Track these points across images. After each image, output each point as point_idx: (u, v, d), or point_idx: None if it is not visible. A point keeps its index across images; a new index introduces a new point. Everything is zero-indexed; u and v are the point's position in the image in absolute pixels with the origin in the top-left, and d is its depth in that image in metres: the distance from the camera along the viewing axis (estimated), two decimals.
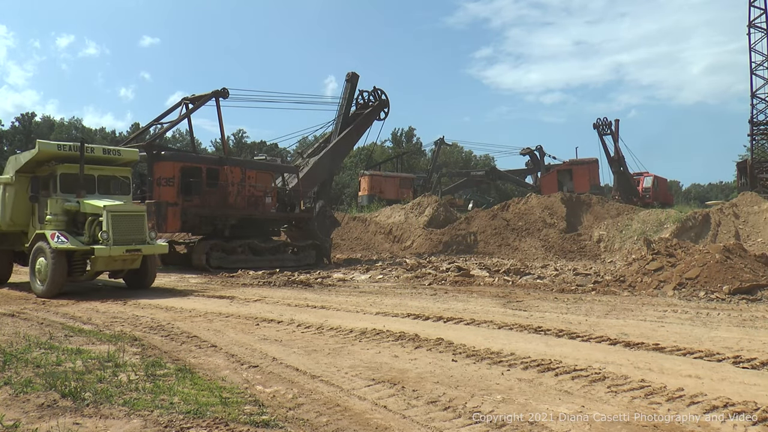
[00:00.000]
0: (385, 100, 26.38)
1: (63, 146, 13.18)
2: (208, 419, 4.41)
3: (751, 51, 34.90)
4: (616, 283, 13.46)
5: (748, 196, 26.59)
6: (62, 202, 12.71)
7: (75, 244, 12.01)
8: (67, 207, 12.69)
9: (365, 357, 6.57)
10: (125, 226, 12.35)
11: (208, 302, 11.44)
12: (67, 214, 12.77)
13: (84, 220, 12.58)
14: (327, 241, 23.03)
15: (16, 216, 13.71)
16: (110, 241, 11.95)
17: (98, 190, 13.28)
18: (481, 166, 65.42)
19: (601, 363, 6.23)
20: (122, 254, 12.17)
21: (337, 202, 48.24)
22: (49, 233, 12.06)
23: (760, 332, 8.10)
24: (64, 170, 12.89)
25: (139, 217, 12.80)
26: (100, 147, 14.17)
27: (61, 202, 12.71)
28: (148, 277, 13.55)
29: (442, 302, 11.33)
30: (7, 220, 13.70)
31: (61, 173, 12.85)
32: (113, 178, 13.73)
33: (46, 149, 13.03)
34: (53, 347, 6.87)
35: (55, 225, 12.52)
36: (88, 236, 12.28)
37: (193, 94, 21.46)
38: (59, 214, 12.67)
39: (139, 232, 12.63)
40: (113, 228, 12.04)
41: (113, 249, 11.95)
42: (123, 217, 12.38)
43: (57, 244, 11.85)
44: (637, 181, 42.98)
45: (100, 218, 12.18)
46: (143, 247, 12.53)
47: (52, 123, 74.53)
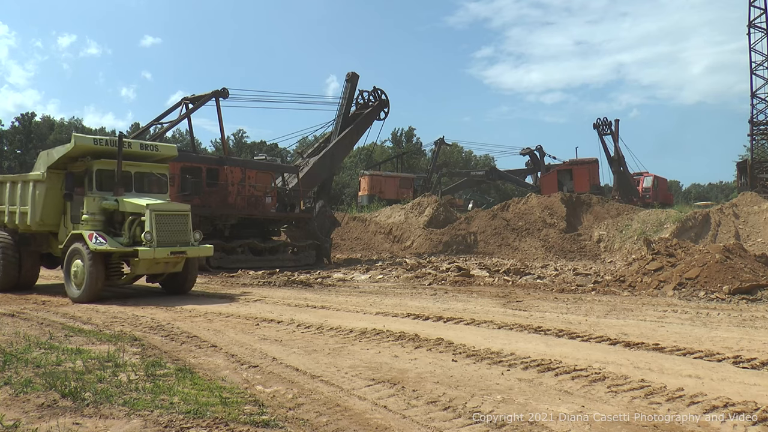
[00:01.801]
0: (385, 100, 26.39)
1: (99, 140, 12.52)
2: (208, 419, 4.41)
3: (751, 51, 34.94)
4: (616, 283, 13.45)
5: (748, 196, 26.59)
6: (99, 200, 11.94)
7: (114, 246, 11.25)
8: (105, 206, 11.89)
9: (365, 357, 6.57)
10: (169, 226, 11.58)
11: (208, 302, 11.44)
12: (105, 214, 12.00)
13: (122, 219, 11.85)
14: (327, 241, 23.03)
15: (47, 215, 12.76)
16: (154, 243, 11.19)
17: (134, 187, 12.51)
18: (481, 166, 65.41)
19: (601, 363, 6.23)
20: (166, 257, 11.41)
21: (337, 202, 48.22)
22: (87, 234, 11.29)
23: (760, 332, 8.10)
24: (100, 166, 12.16)
25: (184, 216, 12.01)
26: (137, 142, 13.35)
27: (98, 200, 11.94)
28: (188, 281, 12.64)
29: (442, 302, 11.33)
30: (37, 220, 12.71)
31: (97, 169, 12.12)
32: (150, 175, 13.00)
33: (82, 143, 12.25)
34: (53, 347, 6.87)
35: (92, 225, 11.74)
36: (128, 237, 11.53)
37: (193, 94, 21.49)
38: (96, 214, 11.89)
39: (184, 233, 11.86)
40: (157, 228, 11.29)
41: (157, 251, 11.18)
42: (167, 216, 11.61)
43: (95, 245, 11.07)
44: (637, 181, 42.99)
45: (142, 218, 11.41)
46: (188, 249, 11.79)
47: (52, 123, 74.51)
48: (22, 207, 12.94)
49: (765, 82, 34.69)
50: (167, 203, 12.14)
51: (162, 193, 12.90)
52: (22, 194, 13.02)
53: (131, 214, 11.66)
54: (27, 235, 13.29)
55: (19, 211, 12.97)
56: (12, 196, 13.30)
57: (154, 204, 11.52)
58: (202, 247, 12.23)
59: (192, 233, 12.03)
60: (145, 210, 11.32)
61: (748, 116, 35.40)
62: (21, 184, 13.17)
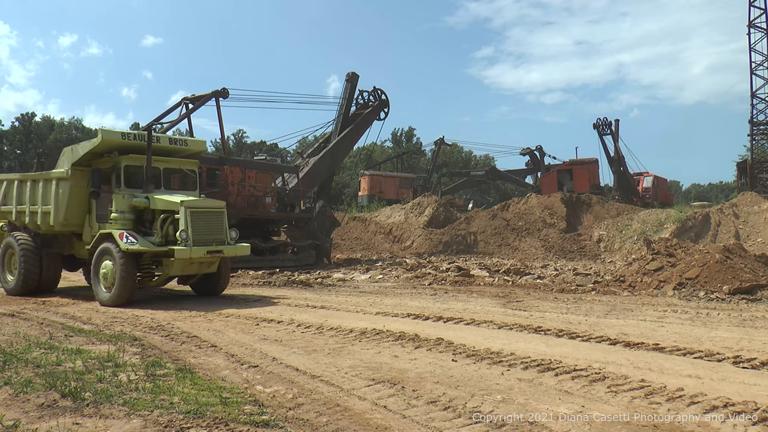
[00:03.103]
0: (385, 100, 26.37)
1: (127, 135, 12.03)
2: (208, 419, 4.41)
3: (751, 51, 34.92)
4: (616, 283, 13.45)
5: (748, 196, 26.58)
6: (129, 197, 11.39)
7: (146, 245, 10.70)
8: (135, 203, 11.34)
9: (365, 357, 6.57)
10: (205, 224, 11.02)
11: (208, 302, 11.44)
12: (134, 212, 11.46)
13: (152, 218, 11.31)
14: (327, 241, 23.03)
15: (71, 215, 12.10)
16: (189, 242, 10.62)
17: (163, 184, 11.97)
18: (481, 166, 65.39)
19: (601, 363, 6.23)
20: (202, 256, 10.83)
21: (337, 202, 48.21)
22: (117, 233, 10.72)
23: (760, 332, 8.10)
24: (128, 162, 11.59)
25: (219, 214, 11.42)
26: (166, 136, 12.67)
27: (127, 197, 11.39)
28: (221, 282, 12.08)
29: (442, 302, 11.33)
30: (61, 220, 12.03)
31: (125, 165, 11.57)
32: (179, 171, 12.47)
33: (110, 138, 11.67)
34: (53, 347, 6.87)
35: (121, 224, 11.21)
36: (161, 236, 10.96)
37: (193, 94, 21.47)
38: (126, 212, 11.36)
39: (219, 232, 11.29)
40: (192, 227, 10.73)
41: (194, 250, 10.59)
42: (202, 213, 11.05)
43: (127, 245, 10.49)
44: (637, 181, 42.95)
45: (175, 216, 10.88)
46: (224, 248, 11.22)
47: (52, 123, 74.49)
48: (44, 207, 12.30)
49: (765, 82, 34.67)
50: (202, 200, 11.59)
51: (191, 190, 12.31)
52: (44, 193, 12.37)
53: (163, 211, 11.13)
54: (49, 236, 12.70)
55: (41, 211, 12.34)
56: (33, 195, 12.64)
57: (189, 201, 11.01)
58: (238, 246, 11.63)
59: (228, 231, 11.49)
60: (180, 207, 10.80)
61: (748, 116, 35.43)
62: (43, 182, 12.50)
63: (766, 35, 34.27)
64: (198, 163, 12.89)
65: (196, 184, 12.54)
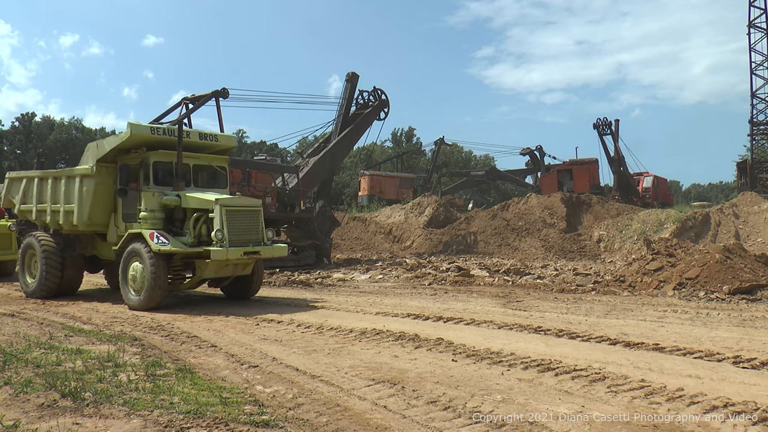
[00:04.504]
0: (385, 100, 26.38)
1: (156, 129, 11.45)
2: (208, 419, 4.41)
3: (751, 51, 34.92)
4: (616, 283, 13.45)
5: (748, 196, 26.57)
6: (159, 195, 10.85)
7: (178, 246, 10.17)
8: (166, 201, 10.77)
9: (365, 357, 6.57)
10: (241, 223, 10.49)
11: (208, 302, 11.44)
12: (164, 210, 10.91)
13: (183, 217, 10.83)
14: (327, 241, 23.02)
15: (95, 214, 11.53)
16: (226, 242, 10.08)
17: (192, 181, 11.43)
18: (481, 166, 65.41)
19: (601, 363, 6.23)
20: (239, 257, 10.28)
21: (337, 202, 48.20)
22: (147, 233, 10.19)
23: (760, 332, 8.10)
24: (157, 158, 11.06)
25: (256, 213, 10.89)
26: (196, 131, 12.07)
27: (158, 195, 10.85)
28: (254, 285, 11.59)
29: (442, 302, 11.33)
30: (85, 219, 11.46)
31: (154, 161, 11.05)
32: (208, 168, 11.88)
33: (139, 133, 11.08)
34: (53, 347, 6.87)
35: (151, 223, 10.66)
36: (193, 236, 10.42)
37: (193, 94, 21.45)
38: (156, 210, 10.81)
39: (256, 231, 10.75)
40: (228, 226, 10.20)
41: (230, 251, 10.03)
42: (238, 212, 10.52)
43: (158, 245, 9.95)
44: (637, 181, 42.95)
45: (210, 215, 10.36)
46: (261, 249, 10.66)
47: (52, 123, 74.48)
48: (66, 205, 11.72)
49: (765, 82, 34.68)
50: (238, 198, 10.99)
51: (221, 188, 11.84)
52: (67, 191, 11.78)
53: (196, 210, 10.61)
54: (71, 237, 12.09)
55: (64, 210, 11.75)
56: (54, 193, 12.06)
57: (224, 199, 10.47)
58: (275, 247, 11.06)
59: (264, 231, 10.96)
60: (215, 206, 10.26)
61: (749, 116, 35.43)
62: (65, 179, 11.89)
63: (766, 35, 34.29)
64: (228, 159, 12.38)
65: (226, 181, 12.03)
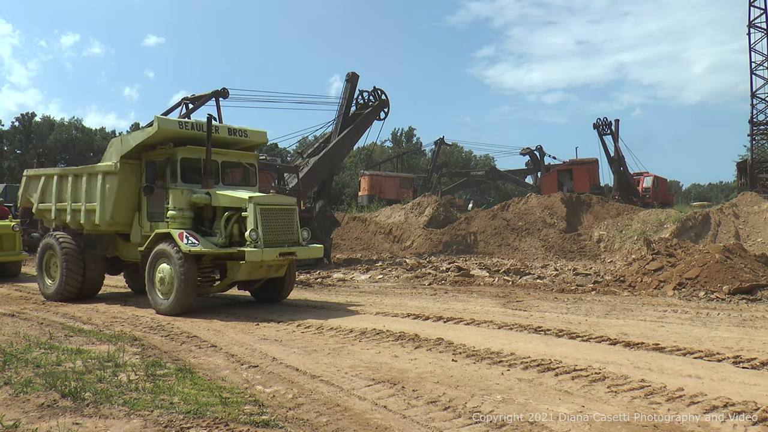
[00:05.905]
0: (385, 100, 26.38)
1: (184, 124, 11.00)
2: (208, 419, 4.41)
3: (751, 51, 34.93)
4: (616, 283, 13.45)
5: (748, 196, 26.57)
6: (188, 193, 10.34)
7: (209, 247, 9.63)
8: (195, 200, 10.26)
9: (365, 357, 6.58)
10: (276, 223, 9.98)
11: (208, 302, 11.44)
12: (193, 209, 10.41)
13: (213, 216, 10.35)
14: (327, 241, 23.02)
15: (119, 213, 11.00)
16: (260, 243, 9.55)
17: (221, 179, 10.95)
18: (481, 166, 65.43)
19: (601, 363, 6.23)
20: (274, 258, 9.75)
21: (337, 202, 48.20)
22: (177, 233, 9.67)
23: (760, 332, 8.10)
24: (185, 154, 10.55)
25: (291, 211, 10.38)
26: (225, 126, 11.45)
27: (186, 193, 10.34)
28: (285, 287, 11.07)
29: (442, 302, 11.33)
30: (107, 218, 10.95)
31: (182, 158, 10.53)
32: (238, 165, 11.42)
33: (167, 127, 10.57)
34: (53, 347, 6.87)
35: (180, 222, 10.15)
36: (224, 236, 9.92)
37: (194, 94, 21.46)
38: (185, 209, 10.29)
39: (291, 231, 10.23)
40: (263, 226, 9.68)
41: (265, 252, 9.50)
42: (273, 211, 10.00)
43: (189, 246, 9.41)
44: (637, 181, 42.96)
45: (242, 214, 9.87)
46: (297, 250, 10.14)
47: (52, 123, 74.47)
48: (88, 204, 11.24)
49: (765, 82, 34.69)
50: (272, 196, 10.45)
51: (252, 186, 11.37)
52: (89, 189, 11.28)
53: (227, 209, 10.12)
54: (92, 237, 11.56)
55: (85, 209, 11.28)
56: (75, 191, 11.57)
57: (258, 197, 9.94)
58: (312, 248, 10.53)
59: (300, 231, 10.47)
60: (248, 204, 9.75)
61: (749, 116, 35.44)
62: (87, 177, 11.37)
63: (766, 35, 34.29)
64: (257, 156, 11.91)
65: (256, 179, 11.59)
